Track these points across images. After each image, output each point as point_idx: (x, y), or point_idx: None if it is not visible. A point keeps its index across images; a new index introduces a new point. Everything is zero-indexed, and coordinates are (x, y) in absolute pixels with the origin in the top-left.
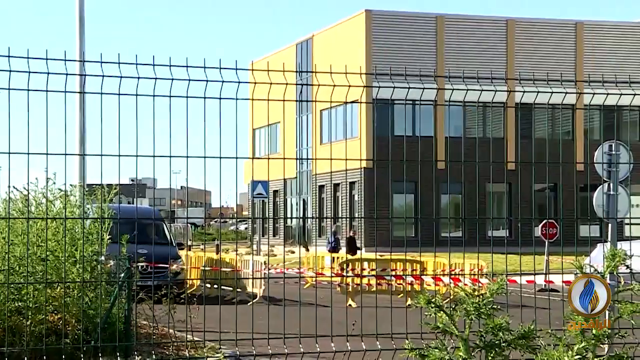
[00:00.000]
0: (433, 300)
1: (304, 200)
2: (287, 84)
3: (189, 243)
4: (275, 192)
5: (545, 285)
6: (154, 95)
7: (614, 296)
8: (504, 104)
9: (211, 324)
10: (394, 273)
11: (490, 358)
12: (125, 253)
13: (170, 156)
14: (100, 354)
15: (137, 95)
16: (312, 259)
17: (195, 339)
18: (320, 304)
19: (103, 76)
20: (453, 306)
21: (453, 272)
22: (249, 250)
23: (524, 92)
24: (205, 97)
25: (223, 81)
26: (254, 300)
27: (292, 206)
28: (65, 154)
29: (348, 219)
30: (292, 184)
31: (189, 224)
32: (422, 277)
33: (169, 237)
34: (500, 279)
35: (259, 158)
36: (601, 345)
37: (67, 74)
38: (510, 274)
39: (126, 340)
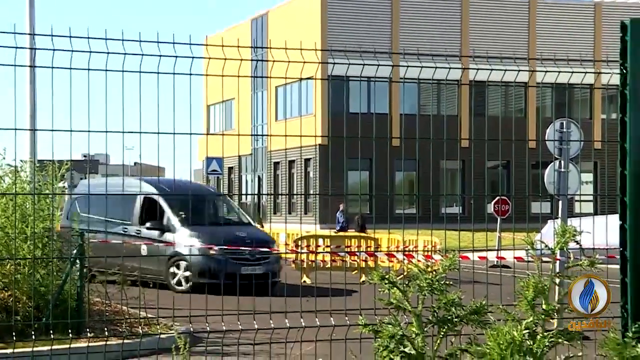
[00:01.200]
0: (387, 276)
1: (259, 177)
2: (241, 59)
3: None
4: (230, 168)
5: (497, 261)
6: (106, 70)
7: (564, 272)
8: (458, 82)
9: (165, 301)
10: (348, 250)
11: (442, 333)
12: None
13: (123, 132)
14: (51, 331)
15: (89, 70)
16: None
17: (149, 316)
18: (275, 280)
19: (54, 50)
20: (406, 282)
21: (407, 249)
22: None
23: (478, 69)
24: (158, 72)
25: (177, 56)
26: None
27: (247, 183)
28: (15, 129)
29: (303, 196)
30: (247, 161)
31: None
32: (376, 253)
33: (246, 217)
34: (453, 255)
35: (213, 134)
36: (550, 320)
37: (16, 48)
38: (463, 250)
39: (78, 318)
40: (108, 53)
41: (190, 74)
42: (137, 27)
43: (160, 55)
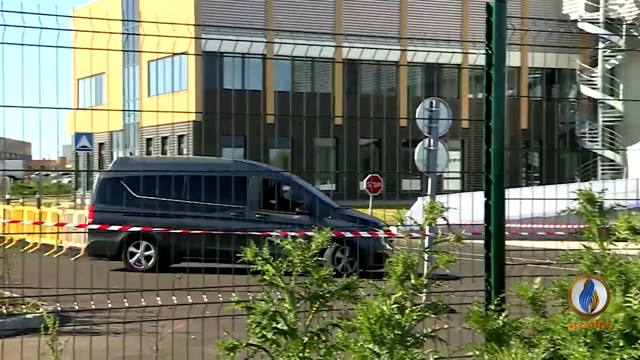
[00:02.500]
0: (260, 253)
1: (131, 153)
2: (111, 32)
3: (7, 197)
4: (100, 144)
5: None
6: None
7: (433, 247)
8: (332, 60)
9: (31, 280)
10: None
11: (315, 309)
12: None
13: None
14: None
15: None
16: None
17: (14, 295)
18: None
19: None
20: (280, 259)
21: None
22: (73, 205)
23: (350, 47)
24: (22, 44)
25: (42, 27)
26: (77, 256)
27: None
28: None
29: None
30: (119, 137)
31: (7, 177)
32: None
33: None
34: (326, 232)
35: (82, 109)
36: (419, 294)
37: None
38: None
39: None
40: None
41: (57, 47)
42: None
43: (25, 27)
